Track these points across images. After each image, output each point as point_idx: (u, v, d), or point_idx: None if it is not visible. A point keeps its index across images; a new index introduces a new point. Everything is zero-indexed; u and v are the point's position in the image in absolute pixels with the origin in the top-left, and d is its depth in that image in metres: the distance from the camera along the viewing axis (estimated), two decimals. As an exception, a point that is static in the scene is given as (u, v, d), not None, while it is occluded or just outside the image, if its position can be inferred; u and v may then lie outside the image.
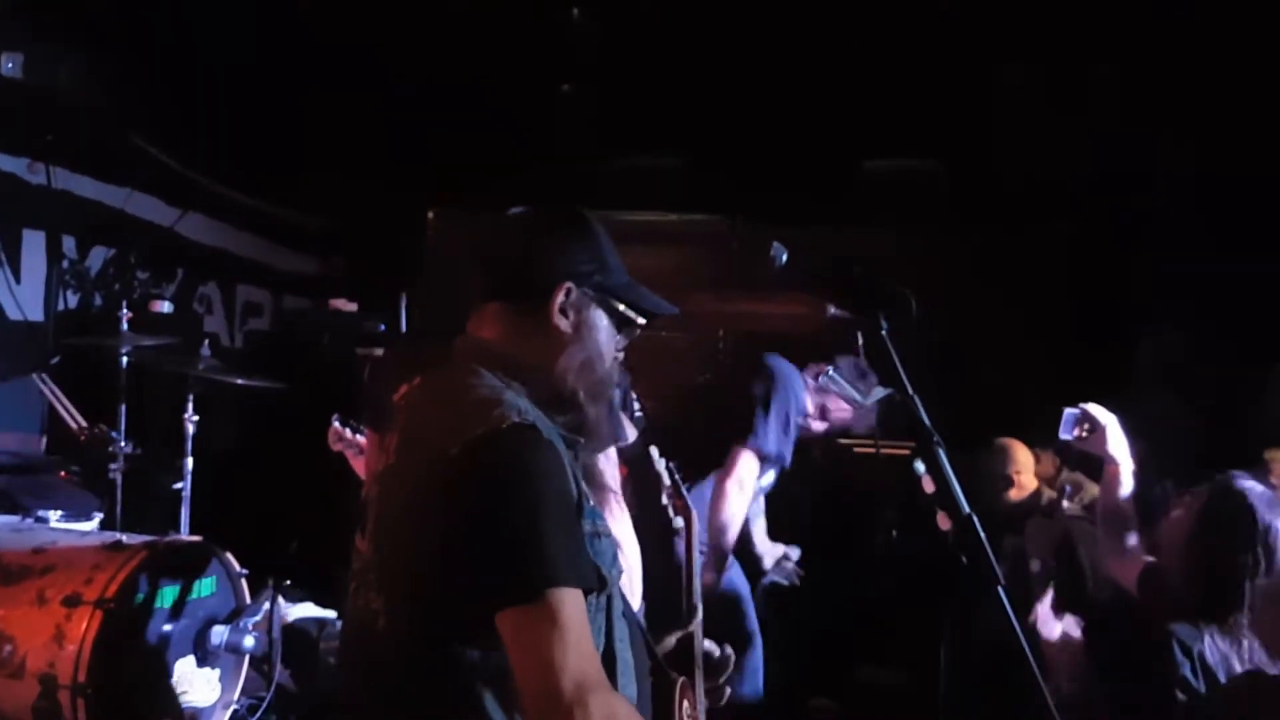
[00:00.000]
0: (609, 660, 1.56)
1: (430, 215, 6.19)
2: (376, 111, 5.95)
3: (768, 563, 4.06)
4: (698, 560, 1.97)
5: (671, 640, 1.96)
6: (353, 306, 5.77)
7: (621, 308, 1.71)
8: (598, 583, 1.51)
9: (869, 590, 3.54)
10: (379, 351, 5.52)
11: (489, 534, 1.43)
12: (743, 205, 5.60)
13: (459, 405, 1.54)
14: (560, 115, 6.07)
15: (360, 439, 3.24)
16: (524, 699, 1.42)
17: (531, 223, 1.74)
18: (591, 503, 1.56)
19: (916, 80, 5.27)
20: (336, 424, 3.31)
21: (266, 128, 6.01)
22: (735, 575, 3.80)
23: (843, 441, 4.22)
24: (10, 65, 4.62)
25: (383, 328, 5.71)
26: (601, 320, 1.69)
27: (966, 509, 1.62)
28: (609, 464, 2.12)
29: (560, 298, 1.65)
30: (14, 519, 3.40)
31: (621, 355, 1.77)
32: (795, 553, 4.11)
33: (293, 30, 5.17)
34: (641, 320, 1.74)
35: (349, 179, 6.37)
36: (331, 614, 4.44)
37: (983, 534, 1.61)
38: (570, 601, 1.41)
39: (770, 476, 3.80)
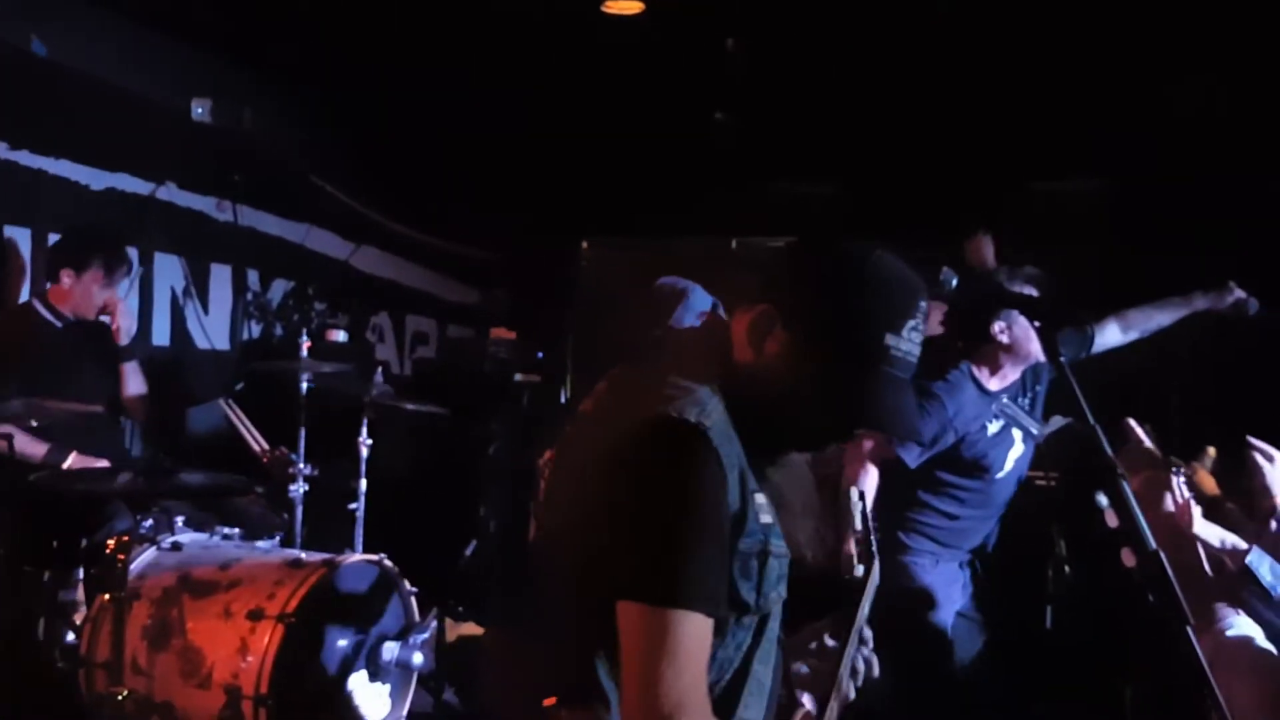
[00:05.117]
0: (741, 678, 1.54)
1: (584, 245, 6.30)
2: (533, 146, 6.12)
3: None
4: (865, 613, 1.85)
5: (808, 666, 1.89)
6: (512, 335, 5.93)
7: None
8: (727, 610, 1.47)
9: (1041, 628, 3.38)
10: (537, 378, 5.66)
11: (636, 525, 1.43)
12: (896, 229, 5.50)
13: (646, 389, 1.54)
14: (712, 143, 6.10)
15: None
16: (623, 701, 1.43)
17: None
18: (767, 519, 1.53)
19: (1078, 99, 5.09)
20: None
21: (432, 167, 6.27)
22: None
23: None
24: (200, 110, 4.96)
25: (540, 355, 5.85)
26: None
27: (1153, 545, 1.55)
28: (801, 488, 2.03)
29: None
30: (203, 536, 3.56)
31: None
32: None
33: (453, 74, 5.38)
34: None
35: (509, 213, 6.57)
36: (493, 634, 4.55)
37: (1171, 572, 1.54)
38: (690, 624, 1.40)
39: None
